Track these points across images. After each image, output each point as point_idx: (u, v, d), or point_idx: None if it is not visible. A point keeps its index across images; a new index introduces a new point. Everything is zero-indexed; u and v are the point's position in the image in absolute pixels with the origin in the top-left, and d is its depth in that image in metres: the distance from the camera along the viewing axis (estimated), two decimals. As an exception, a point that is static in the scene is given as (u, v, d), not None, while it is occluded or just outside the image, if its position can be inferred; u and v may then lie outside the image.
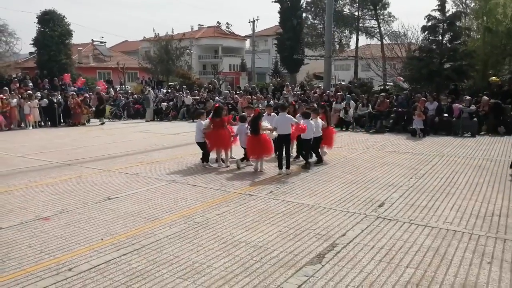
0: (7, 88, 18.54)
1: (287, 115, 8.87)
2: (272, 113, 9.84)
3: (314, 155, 9.78)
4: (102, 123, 19.78)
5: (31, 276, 4.14)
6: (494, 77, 17.76)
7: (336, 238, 5.12)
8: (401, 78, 20.63)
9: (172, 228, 5.52)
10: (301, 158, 9.88)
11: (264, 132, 8.93)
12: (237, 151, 10.14)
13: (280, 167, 8.61)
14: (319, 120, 9.52)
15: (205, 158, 9.71)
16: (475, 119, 14.37)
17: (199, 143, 9.75)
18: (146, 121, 21.16)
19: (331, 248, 4.80)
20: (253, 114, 9.20)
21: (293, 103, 12.43)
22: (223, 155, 9.77)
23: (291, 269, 4.27)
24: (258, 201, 6.77)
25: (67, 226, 5.60)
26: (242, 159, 9.45)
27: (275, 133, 8.91)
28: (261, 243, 4.96)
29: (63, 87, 22.66)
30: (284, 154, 8.70)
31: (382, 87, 22.68)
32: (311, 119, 9.25)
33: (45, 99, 18.99)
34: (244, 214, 6.09)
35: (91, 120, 20.35)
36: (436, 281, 4.02)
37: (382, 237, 5.14)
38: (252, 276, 4.13)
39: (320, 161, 9.73)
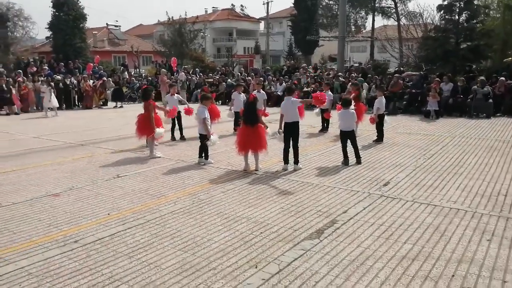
0: (20, 72, 18.89)
1: (293, 98, 7.44)
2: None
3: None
4: (121, 106, 19.88)
5: (38, 247, 4.32)
6: (510, 58, 17.24)
7: (337, 215, 5.16)
8: None
9: (176, 204, 5.64)
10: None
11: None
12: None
13: (285, 161, 7.47)
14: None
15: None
16: (490, 100, 14.06)
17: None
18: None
19: (330, 225, 4.85)
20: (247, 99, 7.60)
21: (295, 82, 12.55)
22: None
23: (289, 243, 4.35)
24: (263, 179, 6.84)
25: (75, 202, 5.78)
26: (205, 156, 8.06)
27: (268, 130, 7.52)
28: (262, 219, 5.05)
29: (76, 70, 22.93)
30: (291, 147, 7.43)
31: (396, 69, 22.27)
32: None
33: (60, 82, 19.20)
34: (248, 192, 6.17)
35: (109, 103, 20.55)
36: (433, 256, 4.04)
37: (383, 215, 5.16)
38: (250, 250, 4.22)
39: (381, 138, 9.94)
